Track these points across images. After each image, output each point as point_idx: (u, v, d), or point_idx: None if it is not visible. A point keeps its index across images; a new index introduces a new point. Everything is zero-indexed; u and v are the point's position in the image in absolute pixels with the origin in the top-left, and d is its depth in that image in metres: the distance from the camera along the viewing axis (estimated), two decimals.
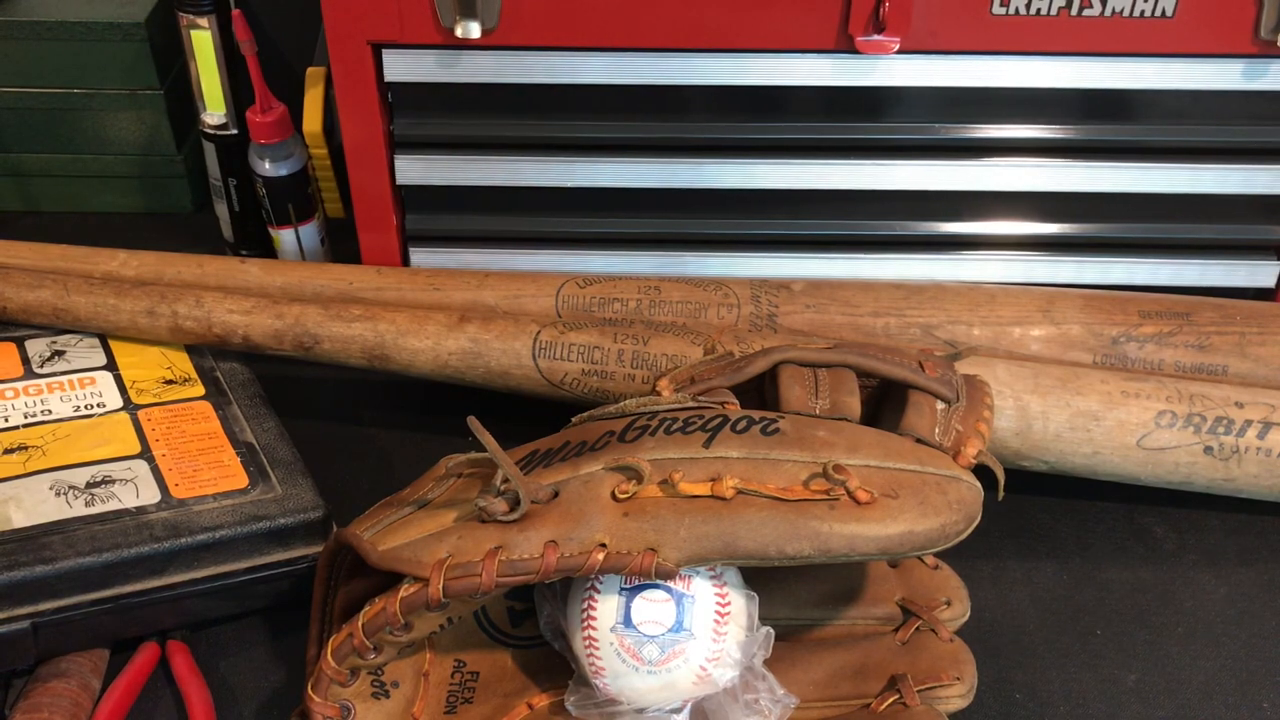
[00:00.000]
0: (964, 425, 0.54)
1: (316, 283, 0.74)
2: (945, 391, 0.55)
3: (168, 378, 0.70)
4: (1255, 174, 0.75)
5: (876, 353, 0.56)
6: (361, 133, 0.74)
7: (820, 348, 0.55)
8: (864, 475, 0.48)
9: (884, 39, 0.68)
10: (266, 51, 0.79)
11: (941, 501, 0.49)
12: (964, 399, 0.55)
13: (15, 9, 0.86)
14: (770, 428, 0.50)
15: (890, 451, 0.50)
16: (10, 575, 0.54)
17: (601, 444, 0.51)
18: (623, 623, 0.49)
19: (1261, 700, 0.60)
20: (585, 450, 0.51)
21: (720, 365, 0.56)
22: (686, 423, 0.51)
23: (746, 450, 0.49)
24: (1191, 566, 0.67)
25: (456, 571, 0.47)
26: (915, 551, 0.48)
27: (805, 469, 0.48)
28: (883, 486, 0.48)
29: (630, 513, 0.48)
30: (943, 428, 0.54)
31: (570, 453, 0.51)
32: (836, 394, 0.53)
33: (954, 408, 0.55)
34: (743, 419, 0.50)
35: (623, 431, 0.51)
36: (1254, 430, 0.64)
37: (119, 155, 0.91)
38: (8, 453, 0.62)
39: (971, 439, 0.54)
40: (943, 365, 0.57)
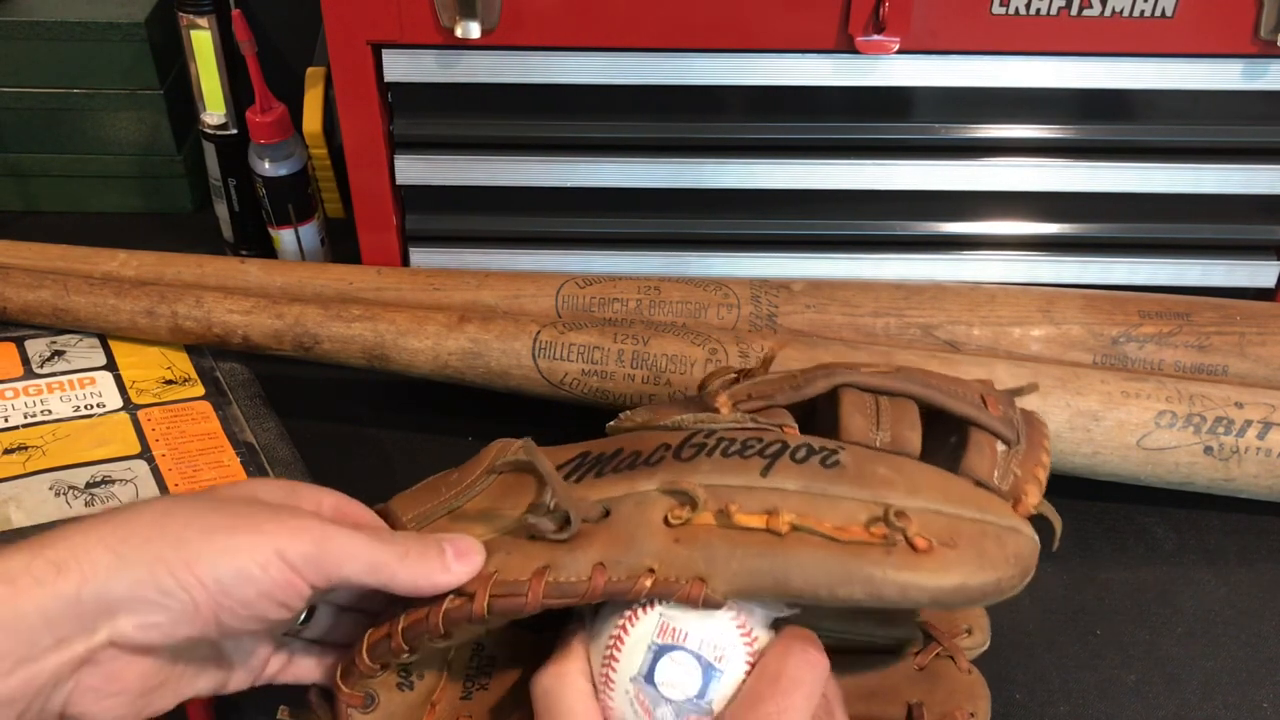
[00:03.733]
0: (1022, 469, 0.52)
1: (316, 283, 0.74)
2: (1007, 433, 0.52)
3: (168, 378, 0.70)
4: (1256, 174, 0.75)
5: (940, 384, 0.53)
6: (361, 133, 0.74)
7: (883, 372, 0.53)
8: (923, 520, 0.46)
9: (884, 39, 0.68)
10: (266, 51, 0.79)
11: (999, 555, 0.46)
12: (1024, 440, 0.53)
13: (15, 9, 0.86)
14: (830, 460, 0.48)
15: (951, 495, 0.47)
16: None
17: (656, 459, 0.49)
18: (644, 677, 0.46)
19: (1261, 700, 0.60)
20: (639, 464, 0.49)
21: (779, 382, 0.54)
22: (745, 445, 0.49)
23: (804, 483, 0.47)
24: (1191, 566, 0.67)
25: (502, 589, 0.46)
26: (967, 604, 0.47)
27: (864, 509, 0.46)
28: (941, 534, 0.46)
29: (682, 540, 0.46)
30: (1001, 470, 0.52)
31: (623, 464, 0.49)
32: (899, 427, 0.51)
33: (1014, 450, 0.53)
34: (802, 447, 0.48)
35: (679, 447, 0.49)
36: (1254, 430, 0.64)
37: (119, 155, 0.91)
38: (8, 453, 0.62)
39: (1030, 486, 0.52)
40: (1005, 402, 0.54)
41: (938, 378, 0.54)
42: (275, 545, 0.41)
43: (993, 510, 0.47)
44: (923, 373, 0.54)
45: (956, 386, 0.53)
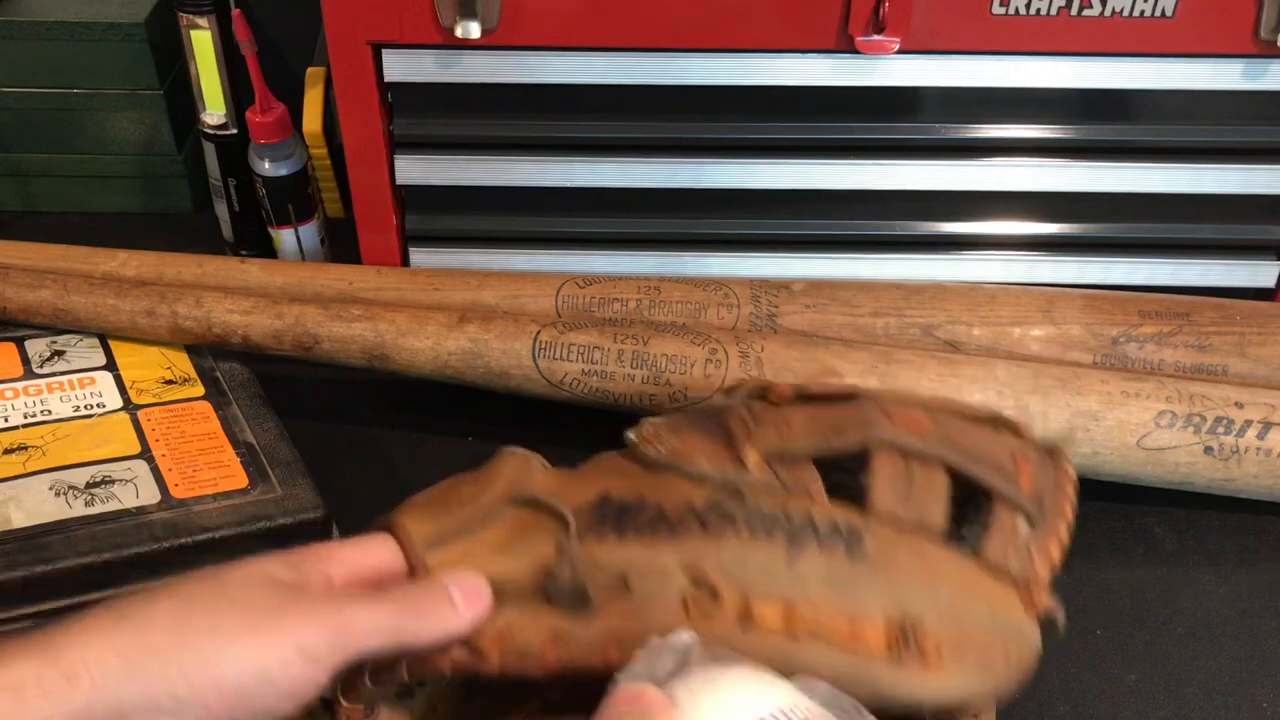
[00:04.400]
0: (1038, 550, 0.51)
1: (316, 283, 0.74)
2: (1034, 511, 0.51)
3: (168, 378, 0.70)
4: (1256, 174, 0.75)
5: (976, 447, 0.51)
6: (361, 133, 0.74)
7: (923, 435, 0.51)
8: (937, 626, 0.47)
9: (884, 39, 0.68)
10: (266, 51, 0.79)
11: (1003, 666, 0.48)
12: (1047, 513, 0.52)
13: (15, 9, 0.86)
14: (856, 548, 0.47)
15: (967, 592, 0.48)
16: (10, 575, 0.54)
17: (681, 522, 0.48)
18: None
19: (1261, 700, 0.60)
20: (663, 528, 0.48)
21: (811, 431, 0.51)
22: (772, 521, 0.48)
23: (827, 575, 0.47)
24: (1191, 566, 0.67)
25: (514, 652, 0.46)
26: (965, 710, 0.48)
27: (882, 611, 0.46)
28: (952, 643, 0.47)
29: (699, 632, 0.46)
30: (1020, 551, 0.51)
31: (645, 524, 0.48)
32: (927, 501, 0.49)
33: (1036, 529, 0.51)
34: (829, 528, 0.48)
35: (705, 512, 0.48)
36: (1254, 430, 0.64)
37: (119, 155, 0.91)
38: (7, 453, 0.62)
39: (1041, 576, 0.51)
40: (1038, 467, 0.53)
41: (974, 435, 0.52)
42: (295, 641, 0.40)
43: (1004, 610, 0.49)
44: (961, 429, 0.51)
45: (992, 448, 0.52)
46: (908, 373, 0.66)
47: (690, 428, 0.52)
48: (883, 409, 0.51)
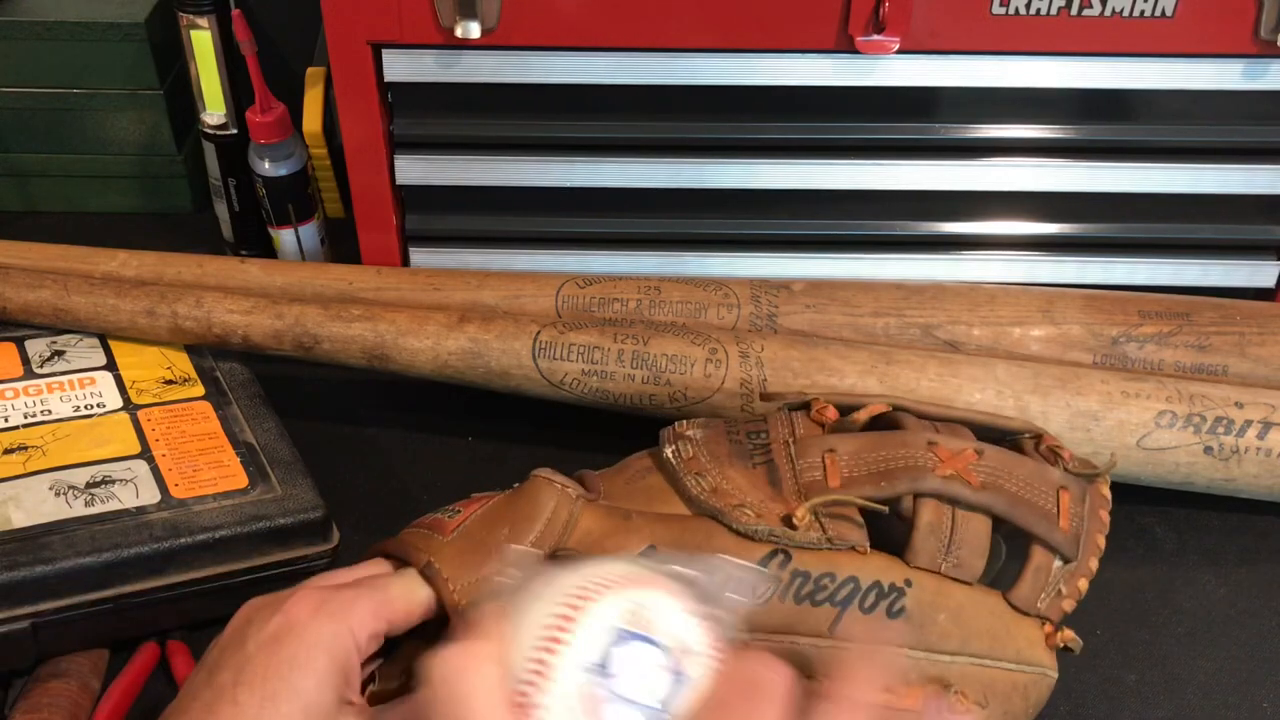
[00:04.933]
0: (1068, 587, 0.52)
1: (316, 283, 0.74)
2: (1070, 552, 0.52)
3: (168, 378, 0.70)
4: (1256, 174, 0.75)
5: (1022, 494, 0.51)
6: (361, 133, 0.74)
7: (971, 482, 0.50)
8: (966, 674, 0.49)
9: (884, 39, 0.68)
10: (266, 51, 0.79)
11: (1022, 707, 0.50)
12: (1081, 550, 0.52)
13: (15, 9, 0.86)
14: (896, 607, 0.48)
15: (996, 642, 0.50)
16: (10, 575, 0.54)
17: None
18: (599, 666, 0.38)
19: (1261, 700, 0.60)
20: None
21: (858, 463, 0.51)
22: (818, 587, 0.48)
23: (868, 637, 0.48)
24: (1191, 566, 0.67)
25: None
26: None
27: (917, 669, 0.48)
28: (977, 691, 0.49)
29: None
30: (1050, 589, 0.52)
31: None
32: (965, 551, 0.50)
33: (1069, 566, 0.52)
34: (871, 591, 0.48)
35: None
36: (1254, 430, 0.64)
37: (119, 155, 0.91)
38: (7, 453, 0.62)
39: (1069, 603, 0.52)
40: (1078, 502, 0.53)
41: (1020, 474, 0.51)
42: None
43: (1029, 653, 0.51)
44: (1007, 468, 0.51)
45: (1036, 488, 0.51)
46: (908, 373, 0.66)
47: (732, 459, 0.52)
48: (931, 443, 0.51)
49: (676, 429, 0.53)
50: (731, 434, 0.53)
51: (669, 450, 0.52)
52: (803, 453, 0.51)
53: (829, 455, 0.51)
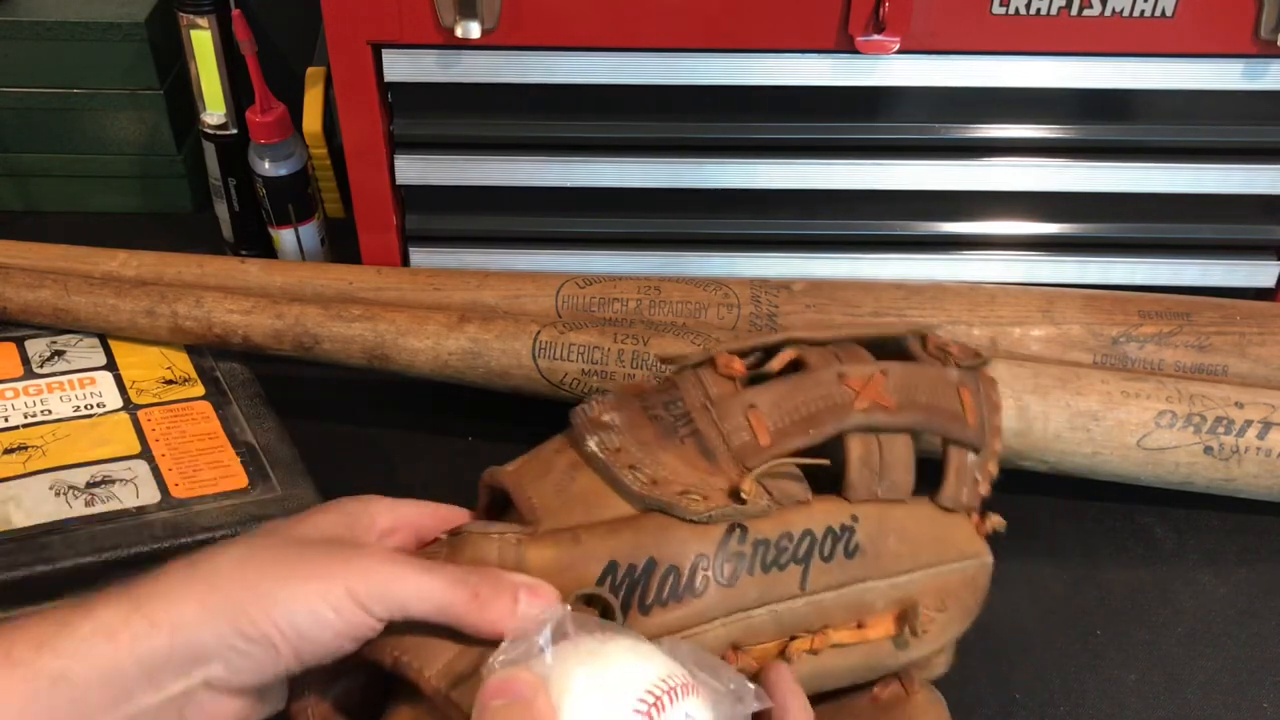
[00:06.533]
0: (982, 474, 0.54)
1: (316, 283, 0.74)
2: (979, 442, 0.54)
3: (168, 378, 0.70)
4: (1256, 174, 0.75)
5: (933, 405, 0.52)
6: (361, 133, 0.74)
7: (889, 407, 0.51)
8: (923, 586, 0.51)
9: (884, 39, 0.68)
10: (266, 51, 0.79)
11: (974, 600, 0.53)
12: (986, 437, 0.54)
13: (15, 9, 0.86)
14: (850, 545, 0.49)
15: (940, 547, 0.52)
16: (10, 575, 0.54)
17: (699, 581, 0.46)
18: None
19: (1262, 700, 0.60)
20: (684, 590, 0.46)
21: (782, 415, 0.50)
22: (779, 551, 0.48)
23: (836, 583, 0.49)
24: (1191, 566, 0.67)
25: None
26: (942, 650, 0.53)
27: (883, 598, 0.50)
28: (936, 601, 0.51)
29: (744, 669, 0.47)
30: (969, 482, 0.54)
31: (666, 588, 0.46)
32: (896, 473, 0.51)
33: (980, 456, 0.54)
34: (826, 538, 0.49)
35: (717, 562, 0.47)
36: (1254, 430, 0.64)
37: (119, 155, 0.91)
38: (8, 453, 0.62)
39: (986, 486, 0.54)
40: (976, 394, 0.55)
41: (927, 386, 0.53)
42: (345, 586, 0.43)
43: (968, 547, 0.53)
44: (915, 382, 0.52)
45: (943, 394, 0.53)
46: None
47: (659, 439, 0.50)
48: (841, 376, 0.51)
49: (591, 416, 0.50)
50: (648, 409, 0.51)
51: (592, 444, 0.49)
52: (725, 415, 0.50)
53: (752, 413, 0.50)
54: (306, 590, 0.42)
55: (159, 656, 0.41)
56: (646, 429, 0.50)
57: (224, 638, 0.42)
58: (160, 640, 0.41)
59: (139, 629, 0.41)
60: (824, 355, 0.52)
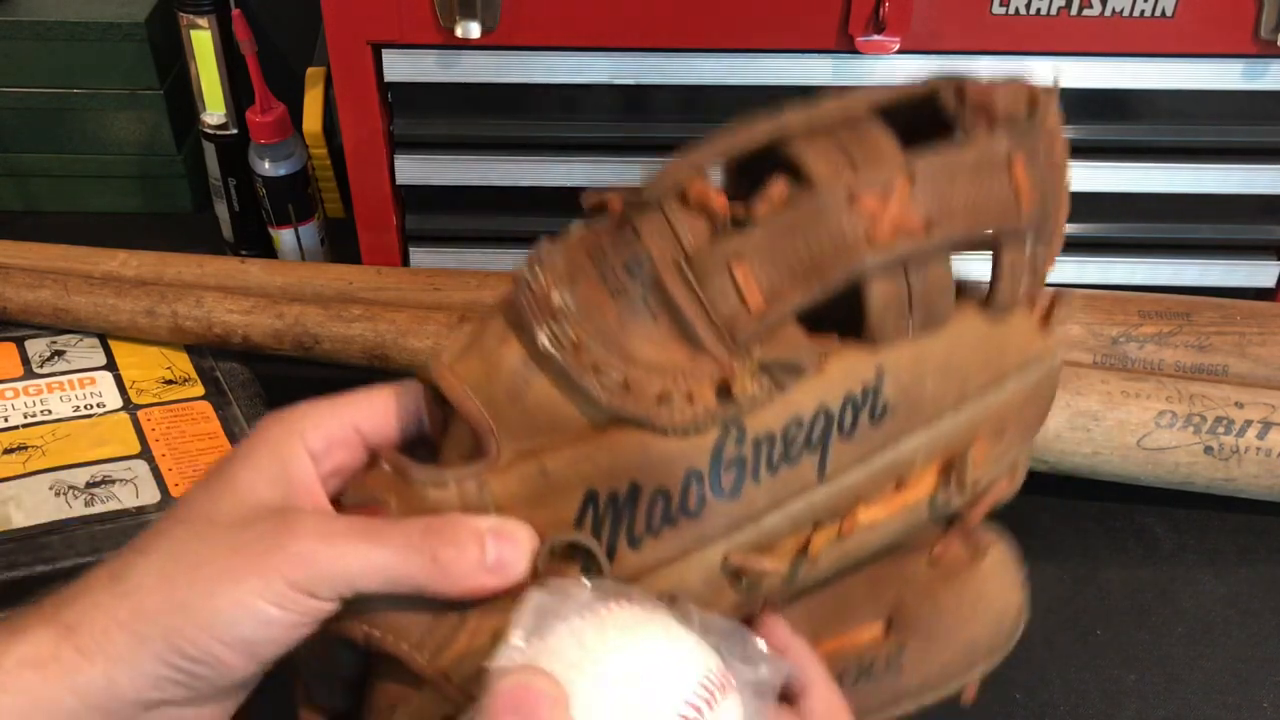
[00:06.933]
0: (1045, 254, 0.43)
1: (316, 283, 0.74)
2: (1041, 225, 0.42)
3: (167, 378, 0.70)
4: (1256, 174, 0.75)
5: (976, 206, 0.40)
6: (361, 133, 0.74)
7: (920, 232, 0.39)
8: (974, 422, 0.41)
9: (884, 39, 0.68)
10: (266, 51, 0.79)
11: (1037, 414, 0.43)
12: (1050, 213, 0.43)
13: (15, 9, 0.86)
14: (877, 407, 0.39)
15: (993, 367, 0.41)
16: (10, 575, 0.55)
17: (694, 501, 0.38)
18: None
19: (1262, 700, 0.60)
20: (677, 513, 0.39)
21: (776, 261, 0.39)
22: (788, 443, 0.39)
23: (863, 460, 0.40)
24: (1191, 566, 0.67)
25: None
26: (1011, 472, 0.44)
27: (923, 453, 0.40)
28: (991, 429, 0.41)
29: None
30: (1030, 271, 0.42)
31: (658, 514, 0.39)
32: (931, 303, 0.40)
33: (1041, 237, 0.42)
34: (845, 409, 0.39)
35: (713, 473, 0.38)
36: (1254, 430, 0.64)
37: (119, 155, 0.91)
38: (7, 453, 0.62)
39: (1050, 268, 0.43)
40: (1033, 160, 0.42)
41: (966, 180, 0.40)
42: (284, 578, 0.37)
43: (1026, 352, 0.42)
44: (948, 178, 0.39)
45: (988, 176, 0.40)
46: None
47: (624, 321, 0.39)
48: (855, 200, 0.38)
49: (539, 294, 0.40)
50: (607, 276, 0.40)
51: (544, 339, 0.39)
52: (704, 275, 0.39)
53: (737, 265, 0.39)
54: (241, 593, 0.37)
55: (97, 690, 0.37)
56: (608, 309, 0.40)
57: (165, 664, 0.37)
58: (95, 673, 0.37)
59: (69, 661, 0.37)
60: (829, 158, 0.40)
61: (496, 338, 0.40)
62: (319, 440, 0.42)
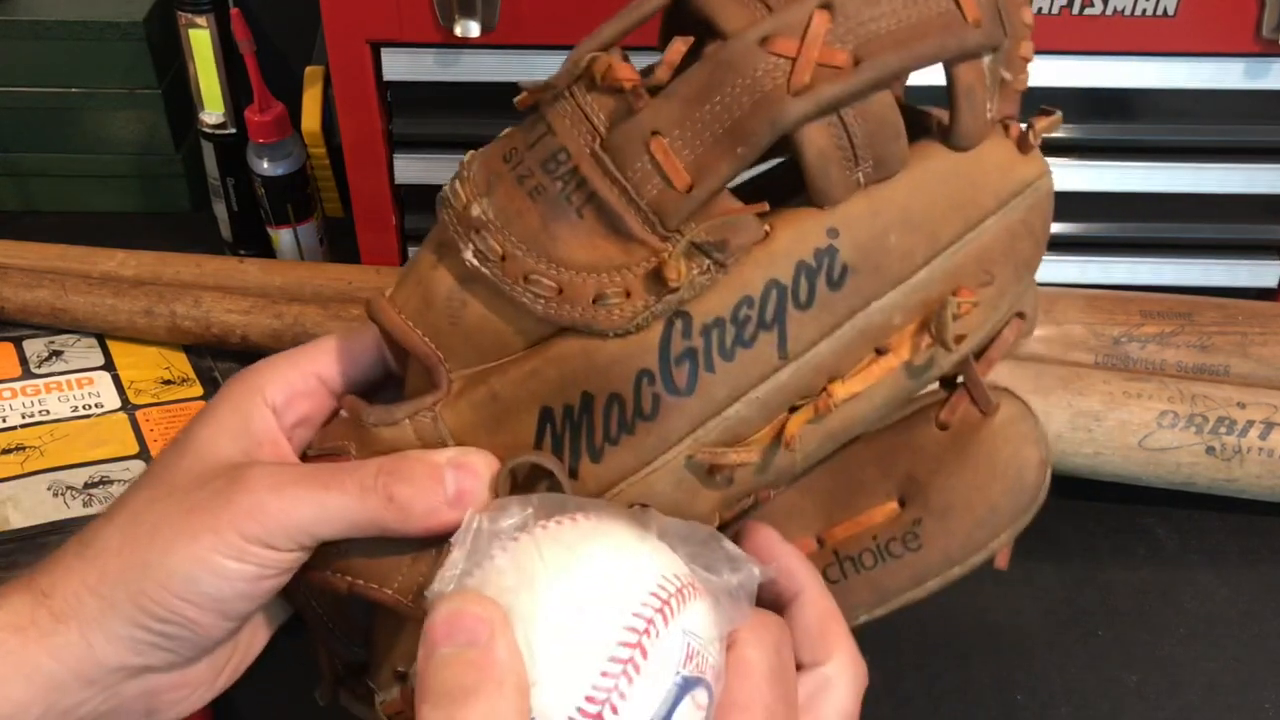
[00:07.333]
0: (1011, 66, 0.39)
1: (315, 283, 0.74)
2: (995, 38, 0.38)
3: (166, 378, 0.70)
4: (1257, 174, 0.75)
5: (911, 24, 0.36)
6: (360, 132, 0.73)
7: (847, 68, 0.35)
8: (953, 269, 0.37)
9: None
10: (265, 51, 0.79)
11: (1032, 243, 0.39)
12: (1006, 13, 0.38)
13: (14, 8, 0.86)
14: (835, 271, 0.36)
15: (968, 207, 0.37)
16: (9, 576, 0.54)
17: (649, 402, 0.36)
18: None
19: (1264, 700, 0.60)
20: (635, 417, 0.36)
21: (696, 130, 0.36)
22: (740, 323, 0.36)
23: (828, 328, 0.36)
24: (1193, 567, 0.67)
25: None
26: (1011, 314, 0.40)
27: (901, 311, 0.37)
28: (975, 272, 0.38)
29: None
30: (993, 89, 0.39)
31: (615, 423, 0.37)
32: (879, 144, 0.36)
33: (1000, 51, 0.38)
34: (800, 278, 0.36)
35: (666, 369, 0.36)
36: (1256, 431, 0.64)
37: (117, 155, 0.91)
38: (6, 453, 0.62)
39: (1021, 79, 0.39)
40: None
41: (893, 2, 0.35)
42: (238, 531, 0.37)
43: (1005, 182, 0.38)
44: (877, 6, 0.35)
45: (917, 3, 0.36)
46: None
47: (548, 223, 0.37)
48: (764, 39, 0.35)
49: (458, 208, 0.38)
50: (525, 177, 0.38)
51: (470, 255, 0.37)
52: (623, 159, 0.36)
53: (655, 142, 0.35)
54: (196, 549, 0.37)
55: (76, 654, 0.37)
56: (529, 213, 0.37)
57: (135, 625, 0.37)
58: (72, 636, 0.37)
59: (45, 625, 0.37)
60: (738, 2, 0.37)
61: (428, 263, 0.38)
62: (280, 393, 0.41)
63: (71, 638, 0.37)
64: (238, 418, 0.40)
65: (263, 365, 0.42)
